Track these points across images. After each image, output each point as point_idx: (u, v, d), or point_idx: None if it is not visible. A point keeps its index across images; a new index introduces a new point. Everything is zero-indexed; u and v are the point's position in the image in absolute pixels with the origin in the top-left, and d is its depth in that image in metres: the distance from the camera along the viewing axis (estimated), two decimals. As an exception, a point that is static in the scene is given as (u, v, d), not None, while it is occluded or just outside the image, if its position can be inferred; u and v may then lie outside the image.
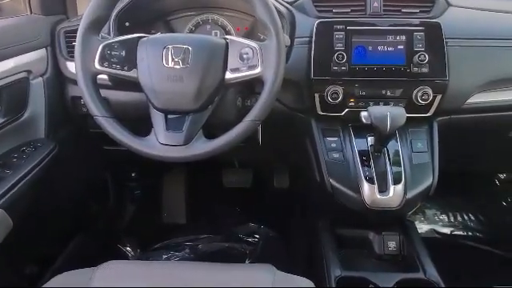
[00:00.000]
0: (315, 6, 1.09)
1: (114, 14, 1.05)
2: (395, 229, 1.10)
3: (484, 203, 1.79)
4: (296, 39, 1.06)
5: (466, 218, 1.77)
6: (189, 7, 1.17)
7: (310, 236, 1.25)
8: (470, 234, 1.73)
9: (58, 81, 1.15)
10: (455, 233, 1.73)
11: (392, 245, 1.07)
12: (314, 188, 1.09)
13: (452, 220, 1.77)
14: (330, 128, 1.07)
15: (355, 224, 1.13)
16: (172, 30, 1.20)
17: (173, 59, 0.84)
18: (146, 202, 1.72)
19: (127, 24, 1.08)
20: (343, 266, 1.01)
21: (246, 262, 1.53)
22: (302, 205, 1.56)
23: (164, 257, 1.49)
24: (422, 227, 1.74)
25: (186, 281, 0.82)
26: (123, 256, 1.50)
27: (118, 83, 1.00)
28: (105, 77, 0.98)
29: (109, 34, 1.05)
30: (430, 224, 1.75)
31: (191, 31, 1.19)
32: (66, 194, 1.25)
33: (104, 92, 1.07)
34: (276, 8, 1.04)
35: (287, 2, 1.13)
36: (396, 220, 1.12)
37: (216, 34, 1.20)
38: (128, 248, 1.53)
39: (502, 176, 1.79)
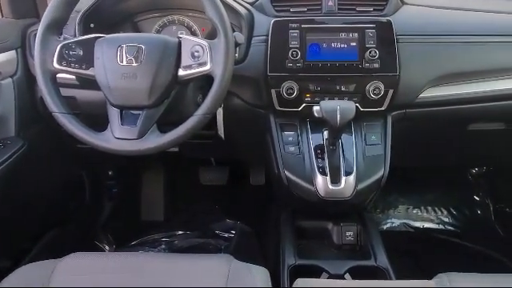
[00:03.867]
0: (273, 6, 1.13)
1: (79, 15, 1.09)
2: (354, 220, 1.14)
3: (457, 197, 1.83)
4: (254, 38, 1.10)
5: (438, 212, 1.81)
6: (153, 9, 1.21)
7: (276, 229, 1.28)
8: (442, 227, 1.77)
9: (28, 81, 1.19)
10: (427, 226, 1.76)
11: (350, 235, 1.11)
12: (274, 181, 1.13)
13: (425, 214, 1.81)
14: (287, 123, 1.11)
15: (316, 216, 1.17)
16: (139, 32, 1.24)
17: (127, 57, 0.89)
18: (124, 199, 1.76)
19: (92, 25, 1.12)
20: (300, 255, 1.04)
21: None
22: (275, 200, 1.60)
23: (140, 252, 1.52)
24: (395, 221, 1.78)
25: (144, 270, 0.86)
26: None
27: (84, 82, 1.04)
28: (72, 77, 1.02)
29: (75, 35, 1.10)
30: (403, 218, 1.79)
31: (158, 32, 1.23)
32: (37, 191, 1.29)
33: (72, 91, 1.13)
34: (235, 8, 1.10)
35: (248, 3, 1.17)
36: (355, 212, 1.16)
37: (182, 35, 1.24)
38: (105, 244, 1.57)
39: (474, 171, 1.83)
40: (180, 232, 1.68)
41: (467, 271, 0.84)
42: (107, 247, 1.57)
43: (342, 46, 1.06)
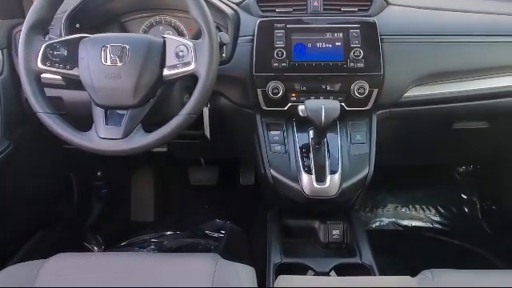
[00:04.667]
0: (259, 6, 1.14)
1: (64, 16, 1.09)
2: (340, 218, 1.15)
3: (444, 196, 1.85)
4: (240, 38, 1.11)
5: (426, 210, 1.83)
6: (140, 9, 1.21)
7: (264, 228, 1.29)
8: (430, 225, 1.79)
9: (14, 82, 1.18)
10: (416, 225, 1.78)
11: (336, 233, 1.12)
12: (262, 180, 1.14)
13: (413, 212, 1.83)
14: (274, 122, 1.11)
15: (303, 214, 1.18)
16: (127, 32, 1.24)
17: (111, 57, 0.89)
18: (113, 200, 1.75)
19: (78, 26, 1.12)
20: (286, 253, 1.05)
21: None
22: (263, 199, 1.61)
23: (126, 253, 1.52)
24: (384, 220, 1.79)
25: (130, 270, 0.86)
26: (88, 253, 1.53)
27: (70, 83, 1.04)
28: (59, 77, 1.02)
29: (60, 35, 1.10)
30: (392, 217, 1.80)
31: (145, 32, 1.24)
32: (25, 192, 1.28)
33: (58, 91, 1.13)
34: (221, 9, 1.11)
35: (234, 3, 1.18)
36: (341, 210, 1.17)
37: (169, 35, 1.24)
38: (93, 245, 1.57)
39: (461, 169, 1.85)
40: (170, 232, 1.68)
41: (455, 268, 0.85)
42: (96, 248, 1.57)
43: (327, 45, 1.07)
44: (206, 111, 1.11)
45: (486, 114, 1.21)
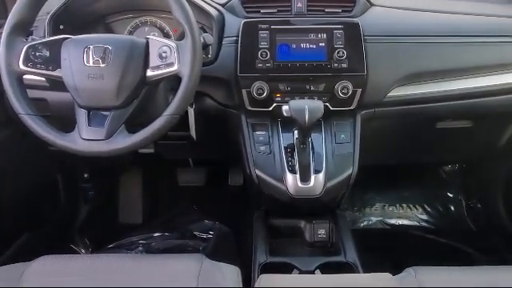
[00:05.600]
0: (244, 7, 1.14)
1: (47, 17, 1.08)
2: (326, 218, 1.16)
3: (431, 195, 1.87)
4: (225, 39, 1.11)
5: (413, 209, 1.85)
6: (125, 10, 1.21)
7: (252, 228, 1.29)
8: (417, 224, 1.81)
9: None
10: (403, 223, 1.80)
11: (322, 232, 1.13)
12: (248, 181, 1.14)
13: (400, 211, 1.85)
14: (259, 122, 1.12)
15: (289, 214, 1.18)
16: (112, 33, 1.24)
17: (93, 58, 0.89)
18: (101, 202, 1.74)
19: (61, 27, 1.11)
20: (272, 253, 1.06)
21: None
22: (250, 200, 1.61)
23: (112, 254, 1.51)
24: (372, 219, 1.81)
25: (115, 271, 0.86)
26: (75, 255, 1.52)
27: (54, 84, 1.03)
28: (43, 78, 1.02)
29: (44, 36, 1.09)
30: (379, 216, 1.82)
31: (130, 33, 1.24)
32: (9, 194, 1.27)
33: (42, 93, 1.12)
34: (205, 9, 1.11)
35: (219, 4, 1.18)
36: (326, 209, 1.18)
37: (154, 36, 1.24)
38: (81, 248, 1.56)
39: (447, 168, 1.88)
40: (158, 234, 1.67)
41: (441, 265, 0.86)
42: (83, 251, 1.56)
43: (311, 46, 1.08)
44: (191, 112, 1.11)
45: (469, 113, 1.23)
